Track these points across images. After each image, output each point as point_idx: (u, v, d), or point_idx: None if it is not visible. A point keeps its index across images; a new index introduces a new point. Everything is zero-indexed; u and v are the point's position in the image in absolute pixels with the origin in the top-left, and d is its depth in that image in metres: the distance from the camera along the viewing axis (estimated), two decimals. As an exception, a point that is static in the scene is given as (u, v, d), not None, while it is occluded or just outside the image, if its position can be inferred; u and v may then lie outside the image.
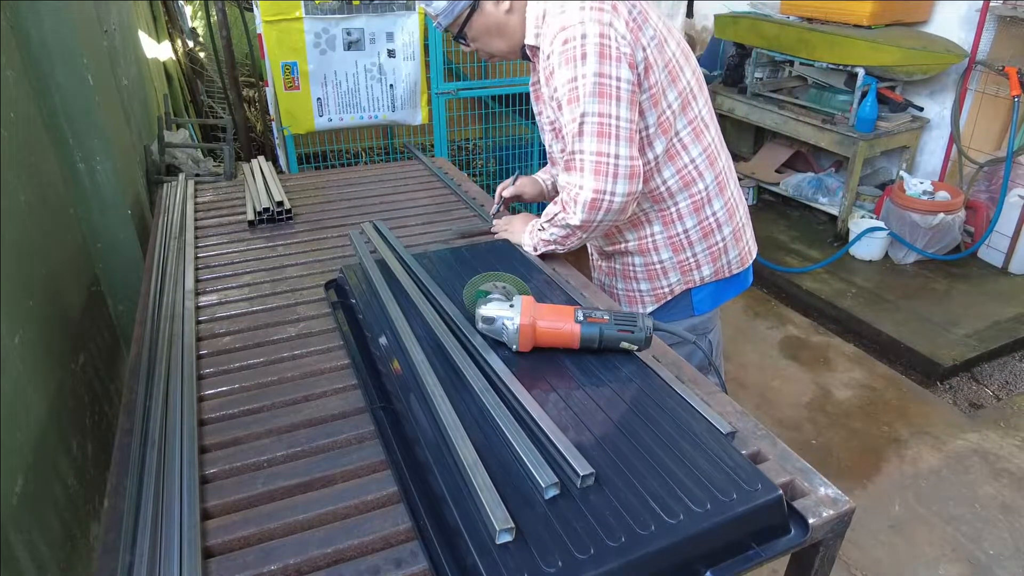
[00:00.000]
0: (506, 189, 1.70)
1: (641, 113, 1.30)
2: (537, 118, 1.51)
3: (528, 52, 1.41)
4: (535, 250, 1.50)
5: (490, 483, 0.81)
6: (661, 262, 1.48)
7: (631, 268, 1.53)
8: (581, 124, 1.23)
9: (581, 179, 1.26)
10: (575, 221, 1.31)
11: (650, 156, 1.36)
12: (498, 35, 1.37)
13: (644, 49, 1.25)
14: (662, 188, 1.41)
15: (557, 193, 1.68)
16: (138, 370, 1.13)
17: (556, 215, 1.38)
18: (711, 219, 1.45)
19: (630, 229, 1.49)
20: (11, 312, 1.19)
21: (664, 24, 1.33)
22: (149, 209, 2.24)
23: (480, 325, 1.11)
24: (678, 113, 1.35)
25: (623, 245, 1.52)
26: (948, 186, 3.52)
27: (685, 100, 1.35)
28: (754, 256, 1.58)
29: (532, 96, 1.50)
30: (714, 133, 1.43)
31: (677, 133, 1.36)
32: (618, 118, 1.22)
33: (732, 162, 1.51)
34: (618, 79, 1.21)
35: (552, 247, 1.46)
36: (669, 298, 1.52)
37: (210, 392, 1.09)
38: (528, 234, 1.51)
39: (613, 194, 1.25)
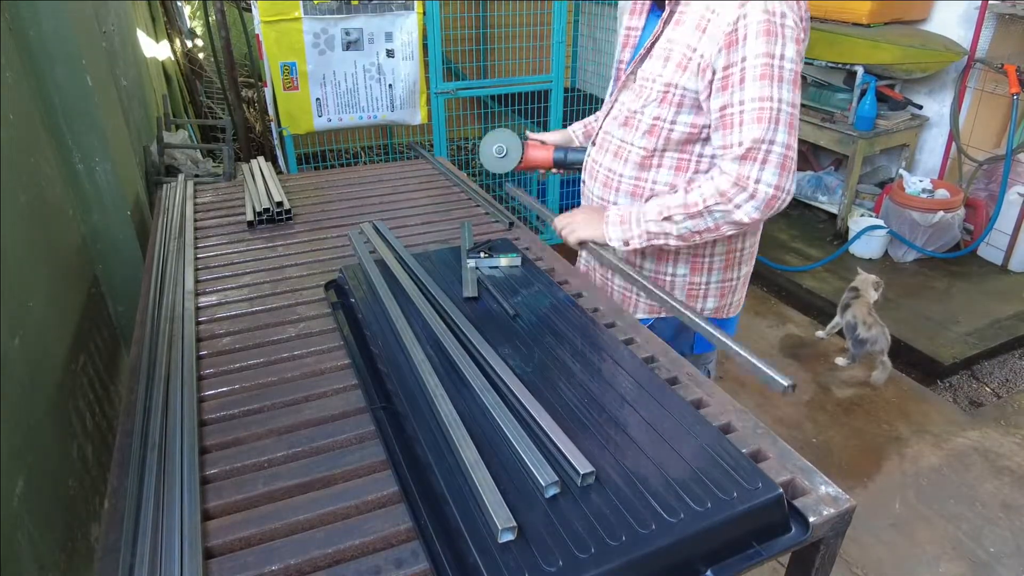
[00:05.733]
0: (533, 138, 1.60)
1: None
2: (640, 78, 1.30)
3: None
4: (627, 244, 1.30)
5: (491, 482, 0.81)
6: (672, 276, 1.42)
7: (637, 269, 1.45)
8: (778, 111, 1.12)
9: (762, 172, 1.15)
10: (744, 218, 1.18)
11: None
12: None
13: (800, 55, 1.18)
14: None
15: (583, 144, 1.57)
16: (138, 371, 1.13)
17: (708, 207, 1.20)
18: (737, 253, 1.40)
19: None
20: (11, 313, 1.19)
21: None
22: (149, 210, 2.24)
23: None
24: None
25: None
26: (947, 184, 3.52)
27: None
28: (742, 307, 1.54)
29: (649, 53, 1.29)
30: None
31: None
32: (799, 109, 1.16)
33: None
34: (799, 73, 1.15)
35: (664, 241, 1.27)
36: (661, 315, 1.45)
37: (210, 393, 1.09)
38: (618, 224, 1.31)
39: (788, 192, 1.17)
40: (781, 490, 0.83)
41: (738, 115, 1.15)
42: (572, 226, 1.39)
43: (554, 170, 1.64)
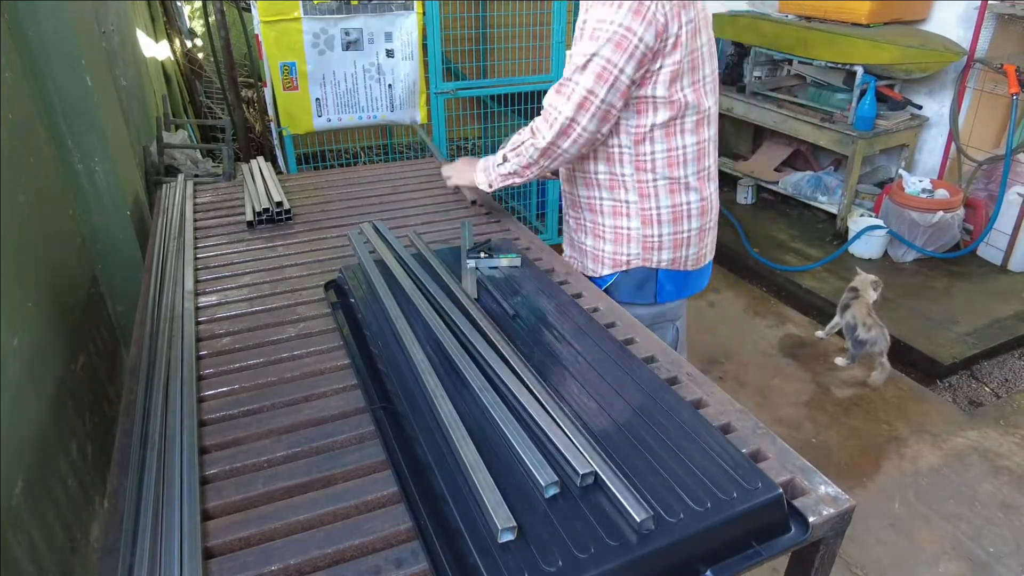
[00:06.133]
0: None
1: (654, 83, 1.38)
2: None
3: None
4: (490, 187, 1.57)
5: (492, 482, 0.81)
6: (628, 229, 1.53)
7: (600, 227, 1.57)
8: (589, 61, 1.32)
9: (566, 105, 1.35)
10: (543, 143, 1.39)
11: (648, 122, 1.42)
12: None
13: (681, 27, 1.33)
14: (647, 158, 1.46)
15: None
16: (138, 371, 1.13)
17: (523, 143, 1.45)
18: (684, 207, 1.51)
19: (608, 189, 1.53)
20: (11, 314, 1.19)
21: (704, 15, 1.41)
22: (148, 210, 2.24)
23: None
24: (689, 101, 1.41)
25: (598, 203, 1.56)
26: (947, 184, 3.52)
27: (698, 92, 1.42)
28: (709, 260, 1.65)
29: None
30: (712, 133, 1.50)
31: (683, 117, 1.42)
32: (622, 71, 1.32)
33: (717, 168, 1.58)
34: (640, 39, 1.30)
35: (511, 180, 1.53)
36: (626, 268, 1.57)
37: (210, 393, 1.09)
38: (483, 172, 1.58)
39: (585, 129, 1.36)
40: (781, 490, 0.84)
41: (568, 63, 1.38)
42: (451, 174, 1.74)
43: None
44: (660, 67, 1.36)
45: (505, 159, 1.52)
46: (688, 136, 1.45)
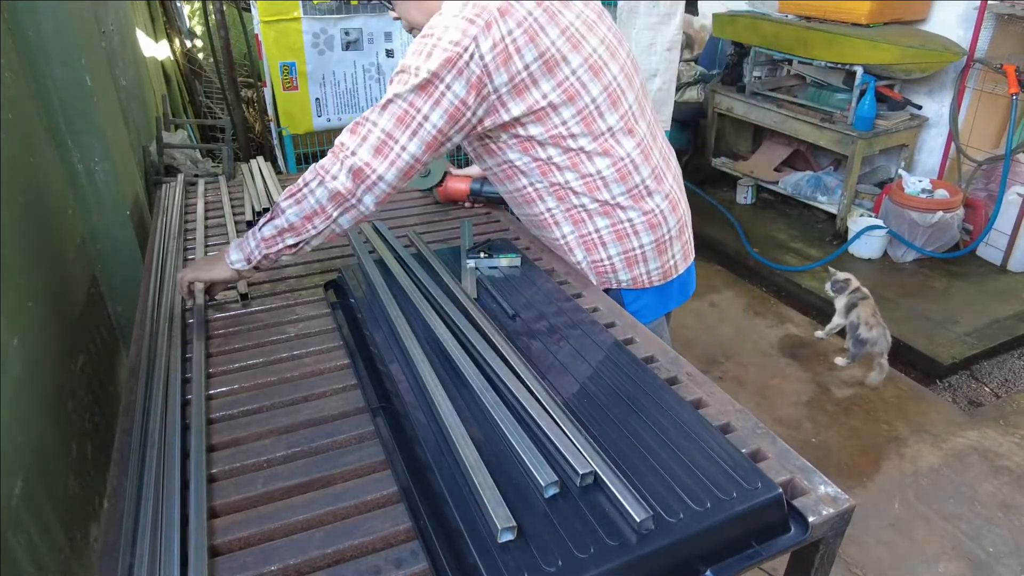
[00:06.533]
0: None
1: (523, 125, 1.25)
2: None
3: None
4: (249, 262, 1.26)
5: (491, 482, 0.81)
6: (579, 263, 1.43)
7: (561, 266, 1.47)
8: (389, 102, 1.19)
9: (359, 146, 1.20)
10: (339, 187, 1.20)
11: (539, 155, 1.29)
12: (416, 6, 1.32)
13: (528, 64, 1.18)
14: (565, 187, 1.33)
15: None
16: (138, 371, 1.13)
17: (305, 187, 1.22)
18: (626, 224, 1.37)
19: (541, 229, 1.44)
20: (10, 314, 1.19)
21: (584, 21, 1.25)
22: (148, 210, 2.24)
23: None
24: (575, 132, 1.26)
25: (547, 242, 1.49)
26: (947, 184, 3.52)
27: (588, 120, 1.26)
28: (680, 271, 1.48)
29: None
30: (636, 142, 1.31)
31: (579, 150, 1.28)
32: (426, 118, 1.18)
33: (669, 176, 1.41)
34: (448, 87, 1.17)
35: (282, 242, 1.25)
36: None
37: (210, 392, 1.09)
38: (236, 248, 1.28)
39: (381, 178, 1.20)
40: (780, 490, 0.84)
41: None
42: (192, 267, 1.34)
43: (468, 203, 1.82)
44: (517, 118, 1.23)
45: (278, 211, 1.24)
46: (598, 161, 1.29)
